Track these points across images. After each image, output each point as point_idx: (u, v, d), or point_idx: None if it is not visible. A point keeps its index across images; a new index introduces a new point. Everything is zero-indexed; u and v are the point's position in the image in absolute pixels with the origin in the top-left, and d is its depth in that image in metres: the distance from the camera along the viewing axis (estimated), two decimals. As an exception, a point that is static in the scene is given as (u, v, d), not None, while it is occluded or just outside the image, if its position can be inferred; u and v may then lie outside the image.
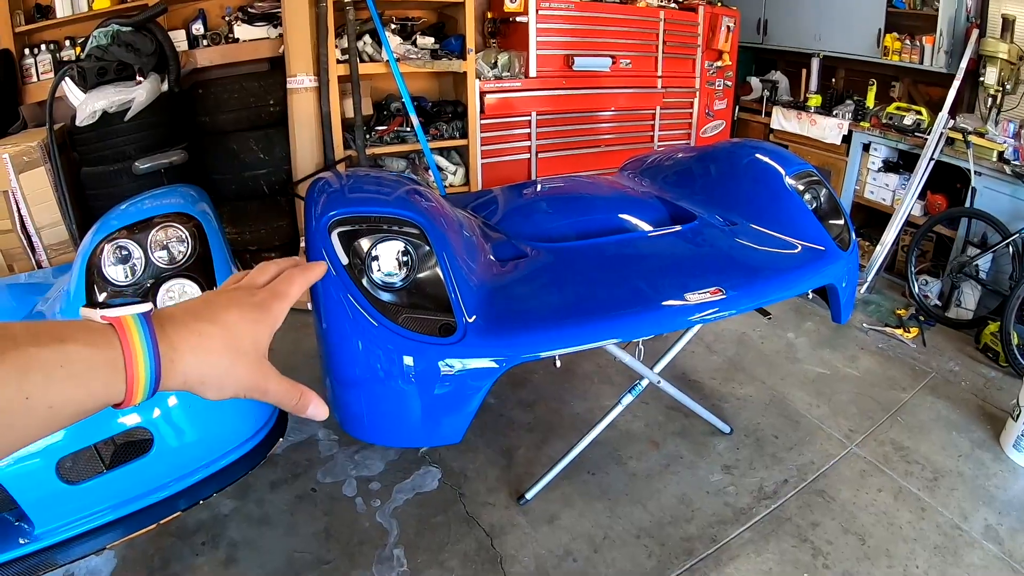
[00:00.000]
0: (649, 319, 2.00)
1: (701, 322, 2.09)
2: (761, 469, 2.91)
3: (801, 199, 2.68)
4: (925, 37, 4.95)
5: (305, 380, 2.16)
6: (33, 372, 0.50)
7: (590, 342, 1.93)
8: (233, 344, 0.63)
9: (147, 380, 0.56)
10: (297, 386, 0.70)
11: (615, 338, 1.97)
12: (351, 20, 4.09)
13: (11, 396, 0.48)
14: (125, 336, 0.55)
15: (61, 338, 0.52)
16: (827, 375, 3.70)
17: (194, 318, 0.62)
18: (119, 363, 0.55)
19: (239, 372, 0.63)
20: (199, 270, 1.98)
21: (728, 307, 2.10)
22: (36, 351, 0.50)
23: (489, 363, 1.84)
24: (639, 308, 2.01)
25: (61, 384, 0.51)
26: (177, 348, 0.59)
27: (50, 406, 0.51)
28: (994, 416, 3.39)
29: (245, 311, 0.65)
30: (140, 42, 3.91)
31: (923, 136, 4.81)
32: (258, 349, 0.65)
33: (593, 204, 2.94)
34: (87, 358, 0.53)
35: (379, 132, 4.53)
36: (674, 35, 5.49)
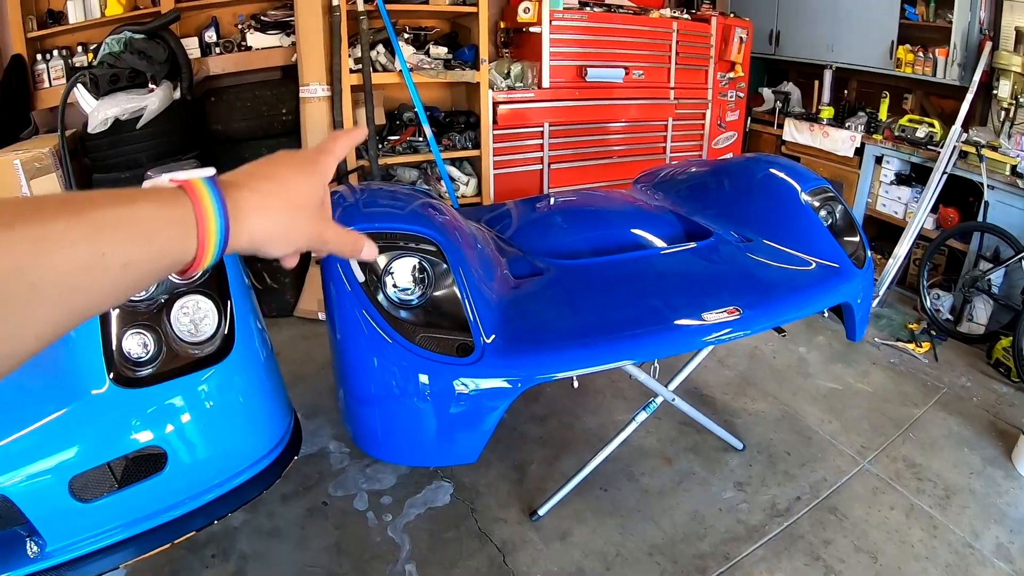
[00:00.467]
0: (666, 339, 1.99)
1: (718, 342, 2.08)
2: (773, 486, 2.89)
3: (816, 215, 2.67)
4: (938, 49, 4.93)
5: (317, 390, 2.17)
6: (109, 229, 0.51)
7: (607, 363, 1.92)
8: (292, 199, 0.66)
9: (217, 237, 0.59)
10: (352, 233, 0.75)
11: (632, 359, 1.97)
12: (364, 30, 4.09)
13: (88, 253, 0.50)
14: (195, 196, 0.58)
15: (133, 199, 0.54)
16: (839, 390, 3.68)
17: (254, 179, 0.65)
18: (190, 221, 0.57)
19: (301, 224, 0.67)
20: (214, 285, 1.97)
21: (745, 327, 2.09)
22: (112, 211, 0.52)
23: (506, 383, 1.83)
24: (656, 328, 2.00)
25: (135, 242, 0.53)
26: (242, 207, 0.61)
27: (125, 264, 0.53)
28: (1006, 432, 3.37)
29: (297, 166, 0.69)
30: (152, 49, 3.92)
31: (936, 149, 4.79)
32: (314, 201, 0.69)
33: (607, 219, 2.93)
34: (160, 216, 0.56)
35: (392, 142, 4.53)
36: (687, 46, 5.48)
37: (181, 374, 1.76)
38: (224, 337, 1.90)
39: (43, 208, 0.49)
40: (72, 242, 0.49)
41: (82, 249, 0.49)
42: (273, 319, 4.10)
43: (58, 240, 0.48)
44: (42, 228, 0.47)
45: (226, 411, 1.86)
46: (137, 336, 1.78)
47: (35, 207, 0.49)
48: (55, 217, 0.48)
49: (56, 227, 0.48)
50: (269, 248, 0.66)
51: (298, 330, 3.98)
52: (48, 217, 0.48)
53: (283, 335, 3.91)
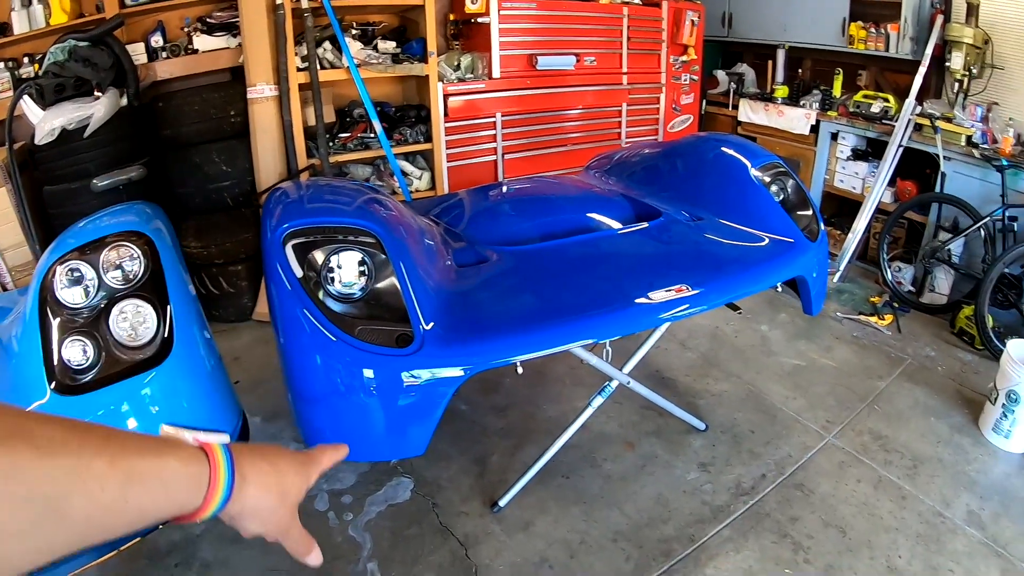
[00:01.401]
0: (613, 320, 1.96)
1: (667, 321, 2.06)
2: (738, 465, 2.88)
3: (768, 191, 2.66)
4: (890, 25, 4.94)
5: (277, 393, 2.13)
6: (138, 479, 0.57)
7: (552, 347, 1.89)
8: (283, 492, 0.73)
9: (221, 500, 0.65)
10: (311, 539, 0.80)
11: (578, 341, 1.93)
12: (309, 27, 4.03)
13: (115, 497, 0.55)
14: (213, 461, 0.65)
15: (161, 452, 0.61)
16: (803, 367, 3.69)
17: (261, 460, 0.72)
18: (203, 482, 0.64)
19: (281, 512, 0.73)
20: (152, 289, 1.94)
21: (695, 304, 2.07)
22: (143, 461, 0.58)
23: (449, 372, 1.80)
24: (603, 309, 1.97)
25: (155, 492, 0.59)
26: (246, 479, 0.68)
27: (141, 510, 0.58)
28: (972, 400, 3.40)
29: (293, 464, 0.76)
30: (97, 57, 3.84)
31: (891, 123, 4.82)
32: (297, 498, 0.76)
33: (557, 204, 2.90)
34: (180, 474, 0.62)
35: (343, 139, 4.47)
36: (638, 31, 5.46)
37: (121, 378, 1.75)
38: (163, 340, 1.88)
39: (85, 443, 0.54)
40: (104, 486, 0.54)
41: (111, 492, 0.54)
42: (231, 324, 4.05)
43: (94, 480, 0.53)
44: (82, 463, 0.53)
45: (171, 414, 1.83)
46: (76, 344, 1.77)
47: (79, 439, 0.54)
48: (95, 456, 0.54)
49: (95, 468, 0.53)
50: (251, 521, 0.71)
51: (257, 334, 3.92)
52: (89, 454, 0.53)
53: (242, 339, 3.86)
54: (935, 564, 2.39)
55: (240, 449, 0.69)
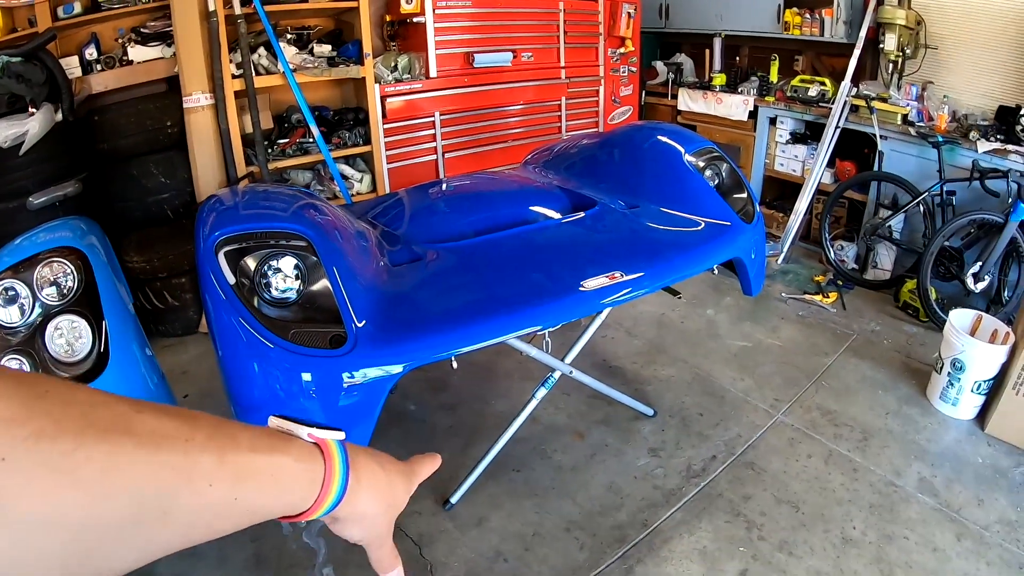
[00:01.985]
0: (548, 309, 1.97)
1: (603, 308, 2.08)
2: (688, 448, 2.92)
3: (702, 176, 2.69)
4: (824, 10, 5.04)
5: (222, 403, 2.08)
6: (249, 478, 0.53)
7: (487, 339, 1.89)
8: (391, 499, 0.71)
9: (334, 501, 0.62)
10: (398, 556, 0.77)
11: (513, 332, 1.94)
12: (243, 34, 3.98)
13: (224, 496, 0.51)
14: (329, 460, 0.61)
15: (275, 448, 0.57)
16: (749, 348, 3.74)
17: (373, 461, 0.69)
18: (317, 481, 0.60)
19: (382, 520, 0.71)
20: (86, 304, 1.92)
21: (631, 289, 2.09)
22: (255, 458, 0.54)
23: (385, 370, 1.80)
24: (538, 299, 1.99)
25: (268, 491, 0.55)
26: (360, 482, 0.65)
27: (252, 510, 0.54)
28: (919, 371, 3.47)
29: (400, 473, 0.74)
30: (31, 72, 3.77)
31: (828, 106, 4.91)
32: (400, 508, 0.73)
33: (494, 200, 2.91)
34: (295, 472, 0.58)
35: (281, 145, 4.43)
36: (575, 25, 5.48)
37: None
38: (99, 355, 1.86)
39: (193, 436, 0.50)
40: (212, 483, 0.50)
41: (219, 491, 0.50)
42: (178, 338, 3.99)
43: (201, 477, 0.49)
44: (189, 460, 0.49)
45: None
46: (13, 362, 1.77)
47: (186, 432, 0.50)
48: (203, 451, 0.50)
49: (202, 464, 0.49)
50: (354, 526, 0.68)
51: (204, 347, 3.86)
52: (196, 448, 0.49)
53: (189, 353, 3.80)
54: (890, 533, 2.45)
55: (356, 450, 0.67)
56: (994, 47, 4.46)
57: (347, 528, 0.68)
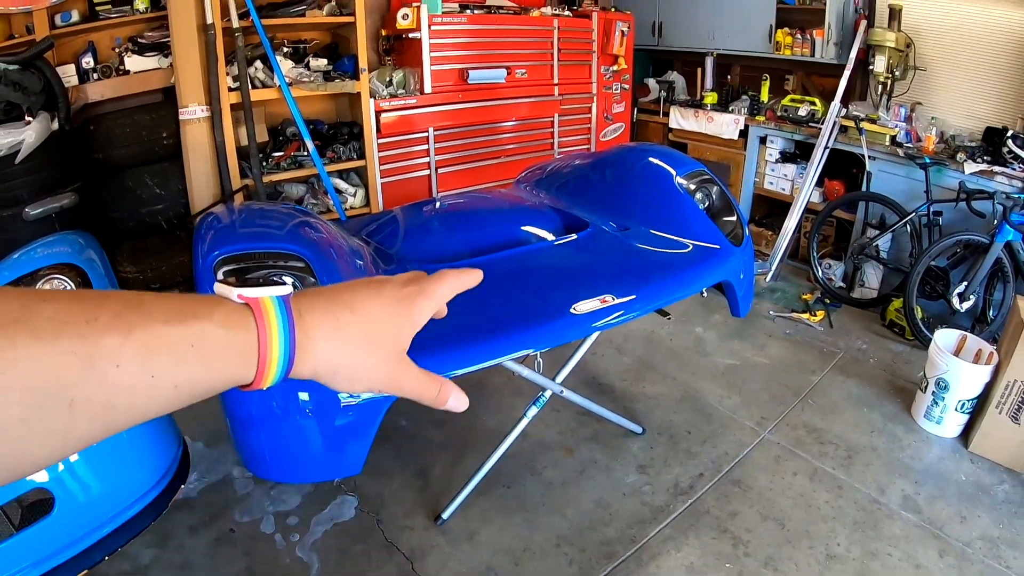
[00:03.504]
0: (541, 332, 2.01)
1: (594, 331, 2.11)
2: (676, 465, 2.95)
3: (692, 199, 2.73)
4: (815, 30, 5.10)
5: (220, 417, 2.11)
6: (162, 351, 0.48)
7: (480, 362, 1.92)
8: (372, 337, 0.60)
9: (279, 366, 0.54)
10: (435, 379, 0.67)
11: (507, 355, 1.97)
12: (241, 47, 4.01)
13: (136, 376, 0.46)
14: (262, 319, 0.53)
15: (195, 315, 0.50)
16: (737, 366, 3.78)
17: (335, 304, 0.59)
18: (252, 346, 0.52)
19: (375, 366, 0.61)
20: None
21: (619, 313, 2.12)
22: (167, 329, 0.48)
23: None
24: (530, 322, 2.02)
25: (189, 365, 0.49)
26: (312, 336, 0.56)
27: (176, 385, 0.49)
28: (904, 389, 3.52)
29: (389, 303, 0.62)
30: (27, 80, 3.78)
31: (817, 126, 4.96)
32: (398, 345, 0.62)
33: (487, 219, 2.94)
34: (220, 339, 0.51)
35: (276, 159, 4.45)
36: (569, 42, 5.52)
37: None
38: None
39: (97, 317, 0.46)
40: (119, 363, 0.46)
41: (130, 370, 0.46)
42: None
43: (105, 360, 0.45)
44: (89, 344, 0.45)
45: (111, 445, 1.83)
46: None
47: (84, 316, 0.45)
48: (106, 331, 0.45)
49: (105, 345, 0.45)
50: (334, 382, 0.60)
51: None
52: (98, 330, 0.45)
53: (182, 364, 3.82)
54: (873, 549, 2.49)
55: (306, 299, 0.57)
56: (982, 69, 4.54)
57: (339, 384, 0.60)
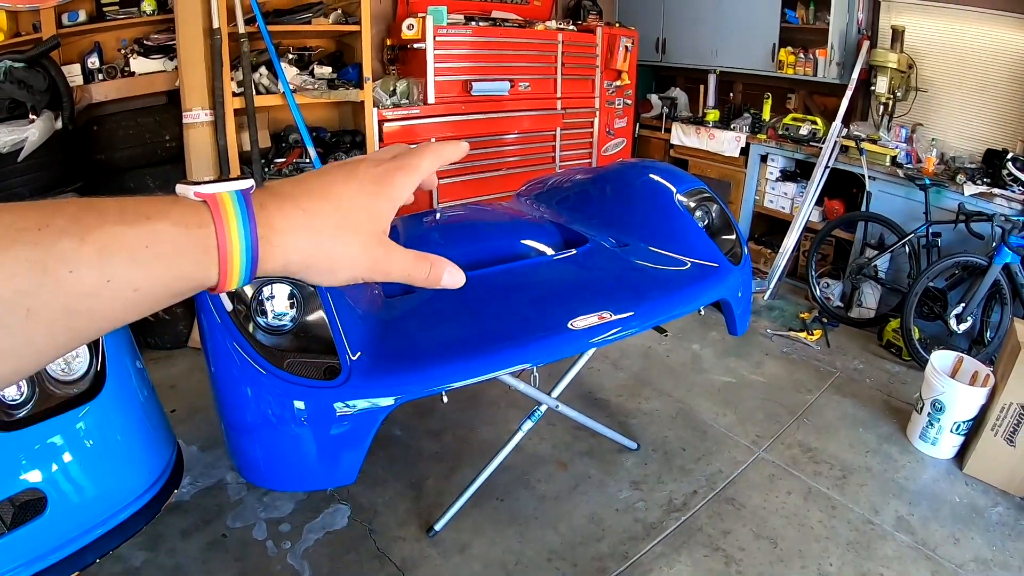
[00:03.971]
0: (538, 348, 2.01)
1: (590, 347, 2.11)
2: (670, 482, 2.95)
3: (691, 216, 2.73)
4: (818, 50, 5.13)
5: (214, 421, 2.13)
6: (118, 253, 0.46)
7: (477, 376, 1.93)
8: (346, 222, 0.57)
9: (243, 262, 0.51)
10: (424, 258, 0.63)
11: (504, 369, 1.98)
12: (246, 52, 4.02)
13: (94, 279, 0.45)
14: (219, 214, 0.51)
15: (148, 215, 0.48)
16: (733, 383, 3.78)
17: (302, 193, 0.56)
18: (211, 243, 0.50)
19: (353, 254, 0.57)
20: None
21: (619, 329, 2.13)
22: (121, 230, 0.47)
23: (376, 403, 1.83)
24: (528, 337, 2.02)
25: (147, 266, 0.48)
26: (277, 228, 0.53)
27: (135, 289, 0.47)
28: (900, 410, 3.52)
29: (364, 183, 0.59)
30: (32, 78, 3.79)
31: (818, 145, 4.98)
32: (377, 226, 0.59)
33: (487, 232, 2.94)
34: (175, 238, 0.49)
35: (278, 165, 4.44)
36: (573, 56, 5.53)
37: (56, 413, 1.75)
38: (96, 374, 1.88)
39: (51, 223, 0.44)
40: (73, 268, 0.44)
41: (86, 275, 0.45)
42: (167, 351, 4.00)
43: (59, 264, 0.44)
44: (42, 249, 0.43)
45: (105, 448, 1.85)
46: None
47: (37, 223, 0.44)
48: (60, 235, 0.44)
49: (59, 249, 0.44)
50: (310, 276, 0.57)
51: (193, 361, 3.88)
52: (52, 235, 0.44)
53: (178, 367, 3.82)
54: (866, 570, 2.49)
55: (271, 191, 0.55)
56: (983, 91, 4.57)
57: (319, 277, 0.57)
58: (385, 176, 0.60)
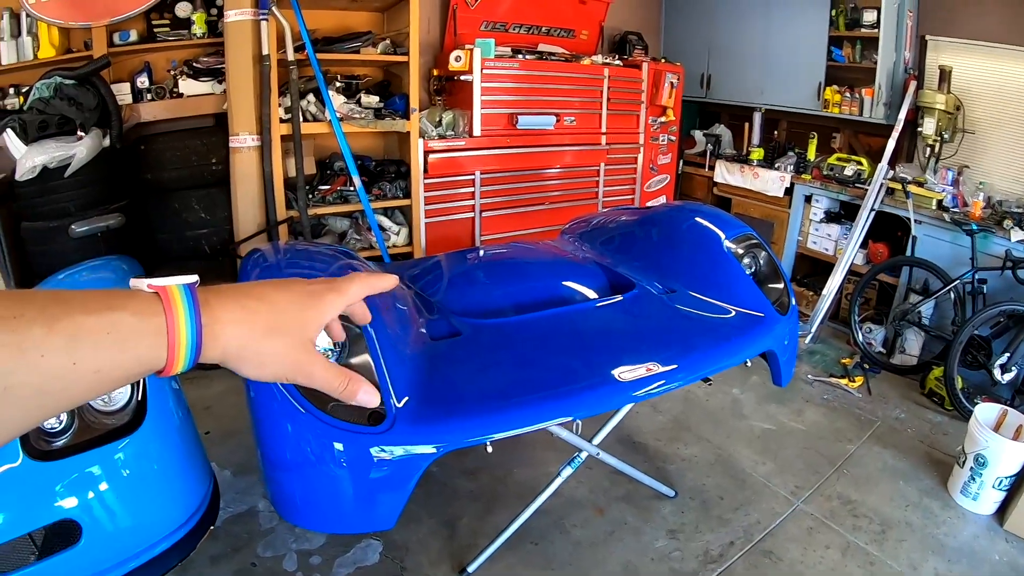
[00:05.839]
0: (586, 399, 1.97)
1: (638, 400, 2.07)
2: (707, 532, 2.89)
3: (740, 264, 2.69)
4: (864, 89, 5.07)
5: (248, 447, 2.16)
6: (82, 339, 0.53)
7: (525, 426, 1.89)
8: (277, 324, 0.65)
9: (188, 347, 0.59)
10: (345, 372, 0.71)
11: (549, 421, 1.95)
12: (294, 79, 4.05)
13: (61, 362, 0.52)
14: (169, 305, 0.58)
15: (110, 306, 0.55)
16: (773, 431, 3.72)
17: (241, 294, 0.64)
18: (163, 330, 0.57)
19: (280, 352, 0.65)
20: None
21: (666, 381, 2.09)
22: (85, 318, 0.53)
23: (420, 451, 1.81)
24: (576, 388, 1.99)
25: (108, 350, 0.54)
26: (219, 320, 0.61)
27: (97, 371, 0.54)
28: (941, 462, 3.44)
29: (296, 296, 0.67)
30: (83, 96, 3.85)
31: (863, 187, 4.92)
32: (304, 333, 0.67)
33: (530, 273, 2.91)
34: (133, 325, 0.56)
35: (322, 192, 4.47)
36: (618, 92, 5.52)
37: (95, 445, 1.73)
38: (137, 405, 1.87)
39: (23, 313, 0.51)
40: (44, 353, 0.51)
41: (55, 358, 0.51)
42: (203, 371, 3.99)
43: (33, 348, 0.50)
44: (18, 336, 0.50)
45: (142, 480, 1.83)
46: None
47: (12, 312, 0.50)
48: (32, 323, 0.50)
49: (31, 335, 0.50)
50: (242, 367, 0.64)
51: (229, 383, 3.88)
52: (25, 323, 0.50)
53: (214, 388, 3.82)
54: (903, 628, 2.41)
55: (214, 290, 0.63)
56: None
57: (250, 369, 0.65)
58: (316, 293, 0.69)
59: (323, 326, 0.70)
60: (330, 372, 0.70)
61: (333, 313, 0.70)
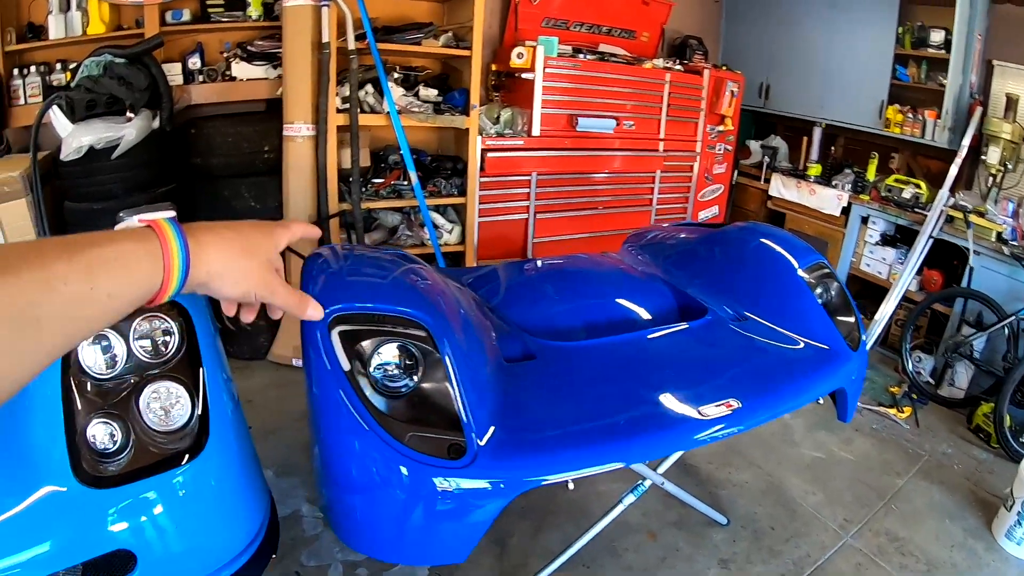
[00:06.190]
0: (666, 439, 1.90)
1: (716, 439, 1.99)
2: (758, 563, 2.83)
3: (813, 294, 2.60)
4: (928, 111, 4.96)
5: (291, 445, 2.06)
6: (97, 267, 0.64)
7: (604, 464, 1.82)
8: (248, 247, 0.83)
9: (180, 268, 0.72)
10: (299, 293, 0.93)
11: (631, 460, 1.88)
12: (354, 69, 3.97)
13: (81, 289, 0.62)
14: (162, 233, 0.72)
15: (113, 239, 0.68)
16: (823, 459, 3.66)
17: (217, 226, 0.81)
18: (158, 254, 0.71)
19: (252, 269, 0.83)
20: (185, 371, 1.74)
21: (744, 421, 2.01)
22: (99, 249, 0.65)
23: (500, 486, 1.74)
24: (655, 426, 1.91)
25: (118, 274, 0.66)
26: (202, 244, 0.76)
27: (110, 294, 0.65)
28: (986, 502, 3.38)
29: (257, 227, 0.88)
30: (133, 76, 3.78)
31: (922, 212, 4.81)
32: (267, 255, 0.86)
33: (597, 289, 2.82)
34: (135, 251, 0.69)
35: (376, 185, 4.41)
36: (678, 98, 5.44)
37: (152, 472, 1.59)
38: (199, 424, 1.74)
39: (44, 252, 0.61)
40: (67, 281, 0.61)
41: (76, 286, 0.61)
42: (245, 362, 3.97)
43: (58, 280, 0.60)
44: (44, 271, 0.59)
45: (201, 506, 1.69)
46: (104, 425, 1.59)
47: (37, 252, 0.61)
48: (55, 260, 0.61)
49: (56, 269, 0.60)
50: (223, 284, 0.80)
51: (271, 376, 3.84)
52: (48, 260, 0.60)
53: (255, 381, 3.78)
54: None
55: (194, 225, 0.77)
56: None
57: (221, 287, 0.80)
58: (273, 227, 0.92)
59: (280, 249, 0.90)
60: (289, 291, 0.90)
61: (283, 244, 0.91)
